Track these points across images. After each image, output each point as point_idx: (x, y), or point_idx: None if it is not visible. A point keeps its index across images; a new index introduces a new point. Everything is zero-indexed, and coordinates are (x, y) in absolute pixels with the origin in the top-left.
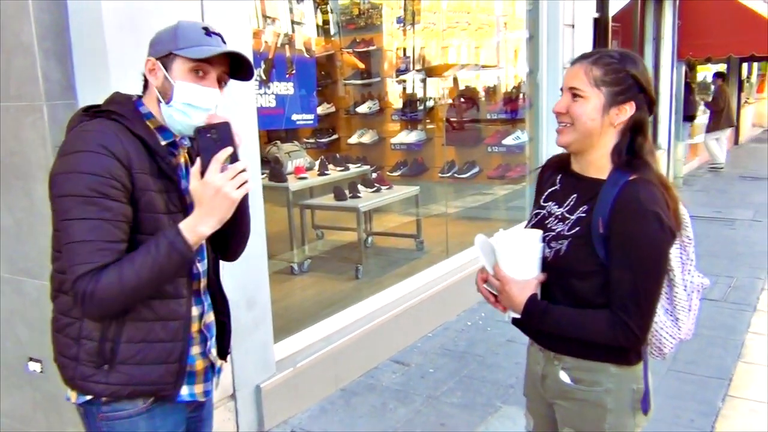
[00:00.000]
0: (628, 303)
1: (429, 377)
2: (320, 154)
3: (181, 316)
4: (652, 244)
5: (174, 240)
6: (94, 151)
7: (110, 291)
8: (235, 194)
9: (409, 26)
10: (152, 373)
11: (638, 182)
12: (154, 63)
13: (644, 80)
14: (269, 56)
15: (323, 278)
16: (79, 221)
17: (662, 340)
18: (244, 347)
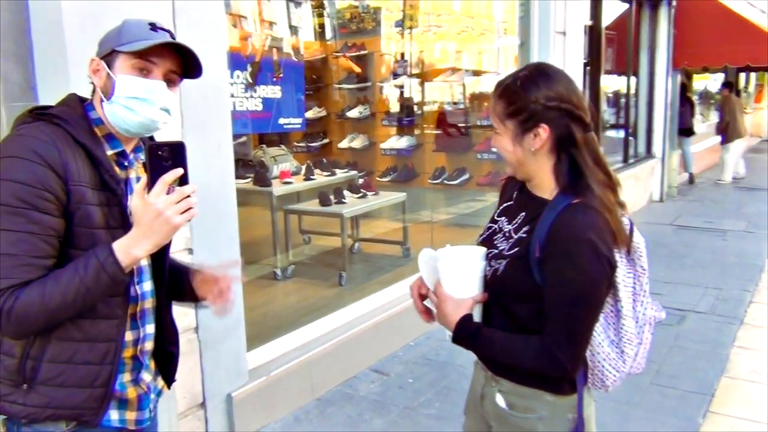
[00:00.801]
0: (557, 333)
1: (408, 387)
2: (311, 158)
3: (112, 338)
4: (585, 274)
5: (105, 261)
6: (26, 158)
7: (30, 310)
8: (177, 219)
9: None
10: (74, 397)
11: (578, 207)
12: (99, 63)
13: (548, 99)
14: (256, 59)
15: (306, 284)
16: (3, 232)
17: (605, 372)
18: (214, 355)
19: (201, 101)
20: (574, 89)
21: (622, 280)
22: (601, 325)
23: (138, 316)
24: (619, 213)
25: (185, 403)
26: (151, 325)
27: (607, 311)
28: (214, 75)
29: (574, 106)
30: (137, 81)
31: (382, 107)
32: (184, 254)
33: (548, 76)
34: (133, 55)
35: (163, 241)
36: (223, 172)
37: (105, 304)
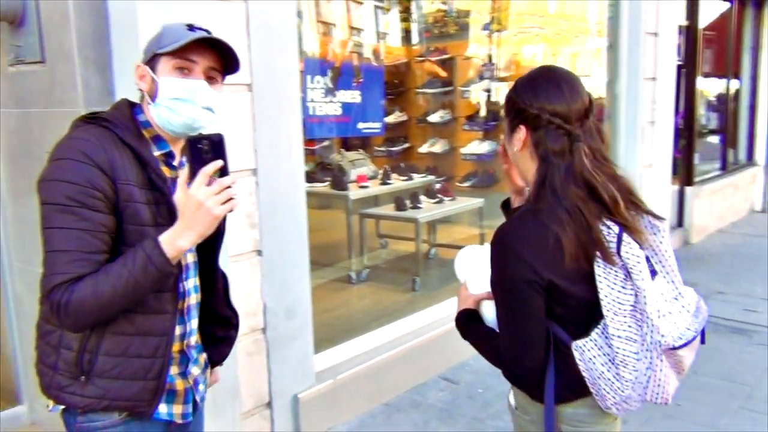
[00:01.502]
0: (501, 333)
1: (477, 398)
2: (391, 162)
3: (164, 333)
4: (506, 279)
5: (151, 253)
6: (75, 159)
7: (84, 303)
8: (218, 210)
9: (493, 34)
10: (128, 389)
11: (524, 215)
12: (143, 68)
13: (528, 102)
14: (336, 65)
15: (379, 289)
16: (56, 230)
17: (601, 392)
18: (281, 356)
19: (272, 105)
20: (564, 97)
21: (608, 295)
22: (593, 341)
23: (184, 312)
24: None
25: (251, 402)
26: (195, 320)
27: (605, 328)
28: (286, 79)
29: (554, 113)
30: (178, 82)
31: (464, 112)
32: (254, 255)
33: (537, 81)
34: (173, 55)
35: (207, 232)
36: (294, 175)
37: (156, 299)
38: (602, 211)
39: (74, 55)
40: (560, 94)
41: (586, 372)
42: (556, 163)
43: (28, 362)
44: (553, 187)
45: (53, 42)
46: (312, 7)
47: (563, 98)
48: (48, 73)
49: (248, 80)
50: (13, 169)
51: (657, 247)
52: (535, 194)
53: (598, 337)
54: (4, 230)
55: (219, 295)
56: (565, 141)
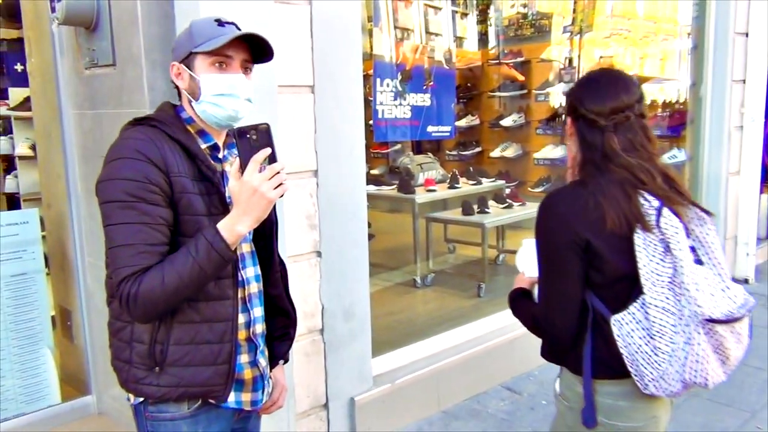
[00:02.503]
0: (538, 295)
1: (540, 410)
2: (463, 166)
3: (227, 318)
4: (544, 237)
5: (213, 239)
6: (131, 157)
7: (153, 292)
8: (272, 194)
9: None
10: (201, 375)
11: (568, 185)
12: (179, 67)
13: (572, 97)
14: (406, 67)
15: (444, 294)
16: (119, 226)
17: (639, 367)
18: (338, 358)
19: (334, 108)
20: (600, 96)
21: (645, 265)
22: (631, 314)
23: (246, 300)
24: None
25: (308, 402)
26: (258, 308)
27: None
28: (349, 81)
29: (589, 110)
30: (220, 78)
31: (538, 115)
32: (313, 256)
33: (586, 80)
34: (210, 53)
35: (262, 216)
36: (355, 177)
37: (216, 286)
38: (640, 186)
39: (142, 58)
40: (599, 93)
41: (624, 348)
42: (593, 149)
43: (97, 354)
44: (595, 164)
45: (123, 45)
46: (390, 13)
47: (600, 97)
48: (118, 76)
49: (311, 82)
50: (87, 168)
51: (703, 238)
52: (580, 172)
53: (637, 310)
54: (78, 227)
55: (277, 285)
56: (597, 132)
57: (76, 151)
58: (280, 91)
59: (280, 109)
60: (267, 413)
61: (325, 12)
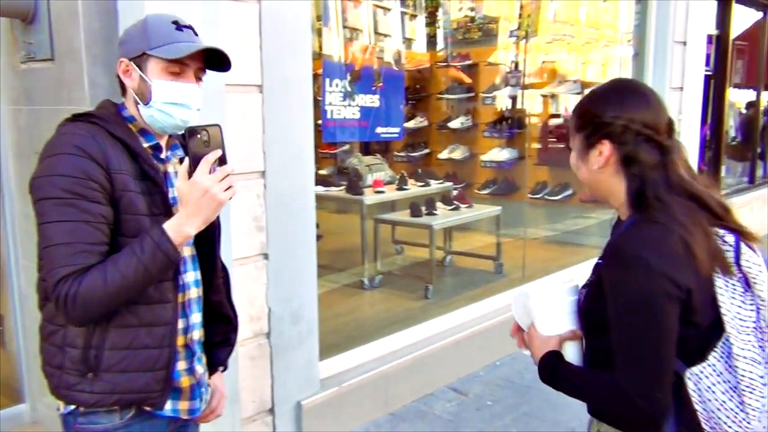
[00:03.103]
0: (622, 367)
1: (485, 410)
2: (411, 168)
3: (167, 322)
4: (638, 296)
5: (159, 240)
6: (69, 152)
7: (94, 293)
8: (223, 196)
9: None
10: (138, 381)
11: (639, 225)
12: (128, 64)
13: (615, 116)
14: (356, 68)
15: (392, 295)
16: (56, 224)
17: (722, 426)
18: (286, 362)
19: (283, 108)
20: (652, 108)
21: (729, 310)
22: (712, 367)
23: (185, 305)
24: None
25: (253, 407)
26: (197, 314)
27: (723, 351)
28: (298, 81)
29: (645, 125)
30: (174, 86)
31: (485, 118)
32: (260, 259)
33: (621, 92)
34: (166, 60)
35: (211, 218)
36: (303, 178)
37: (157, 289)
38: (711, 220)
39: (82, 53)
40: (648, 104)
41: (701, 404)
42: (654, 178)
43: (31, 360)
44: (659, 198)
45: (62, 39)
46: (339, 13)
47: (651, 108)
48: (57, 71)
49: (259, 81)
50: (22, 167)
51: None
52: (634, 208)
53: (717, 361)
54: (11, 227)
55: (219, 290)
56: (655, 153)
57: (10, 148)
58: (228, 90)
59: (228, 108)
60: (205, 422)
61: (274, 10)
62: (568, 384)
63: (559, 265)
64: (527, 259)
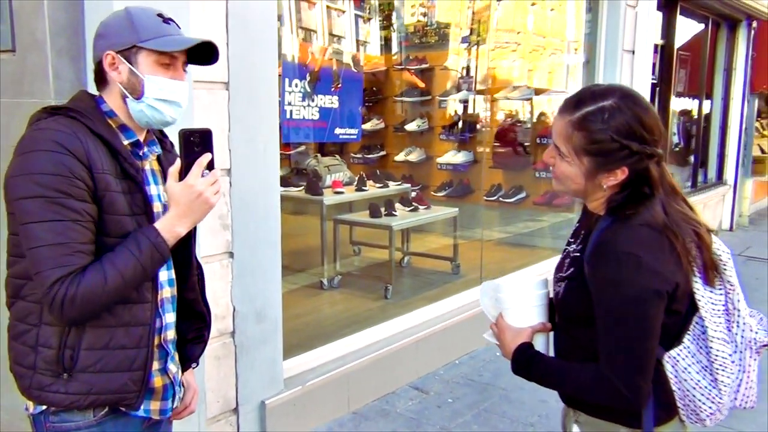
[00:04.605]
0: (610, 357)
1: (446, 407)
2: (367, 169)
3: (145, 322)
4: (626, 289)
5: (156, 240)
6: (50, 149)
7: (94, 293)
8: (214, 199)
9: (473, 46)
10: (115, 381)
11: (623, 223)
12: (115, 57)
13: (635, 141)
14: (315, 69)
15: (351, 296)
16: (44, 224)
17: (696, 403)
18: (249, 361)
19: (249, 106)
20: (657, 120)
21: (704, 296)
22: (686, 349)
23: (159, 305)
24: (685, 232)
25: (217, 407)
26: (171, 314)
27: (695, 333)
28: (264, 79)
29: (657, 143)
30: (167, 83)
31: (441, 121)
32: (225, 257)
33: (635, 112)
34: (158, 52)
35: (200, 219)
36: (269, 177)
37: (136, 289)
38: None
39: (47, 44)
40: (660, 126)
41: (677, 384)
42: (657, 183)
43: None
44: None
45: (25, 31)
46: (293, 13)
47: (660, 129)
48: (18, 63)
49: (225, 78)
50: None
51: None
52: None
53: (691, 343)
54: None
55: (194, 288)
56: (657, 165)
57: None
58: (195, 86)
59: (194, 104)
60: (179, 418)
61: (241, 8)
62: (546, 374)
63: (515, 266)
64: (483, 260)
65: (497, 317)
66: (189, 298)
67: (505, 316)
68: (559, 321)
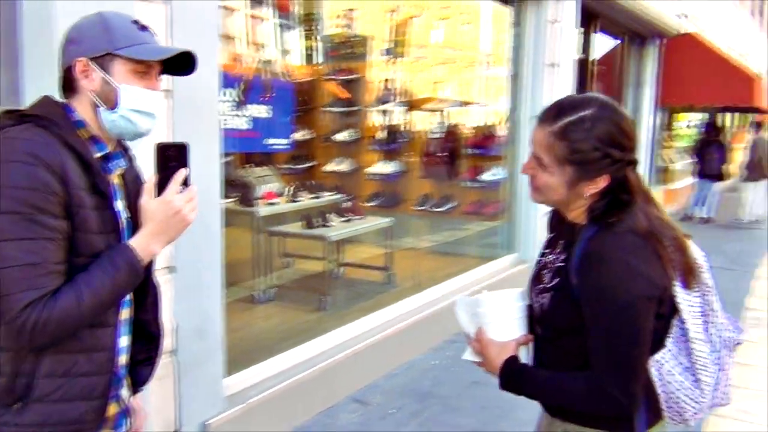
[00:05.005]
0: (603, 364)
1: (389, 418)
2: (296, 180)
3: (107, 347)
4: (619, 298)
5: (132, 260)
6: (22, 161)
7: (69, 317)
8: (191, 217)
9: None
10: (73, 411)
11: (609, 230)
12: (87, 64)
13: (618, 150)
14: (247, 78)
15: (287, 309)
16: (16, 242)
17: (681, 404)
18: (191, 380)
19: (192, 114)
20: (633, 126)
21: (683, 299)
22: (669, 352)
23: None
24: (666, 237)
25: (157, 429)
26: (125, 337)
27: (676, 335)
28: (206, 87)
29: (633, 150)
30: (143, 93)
31: (369, 132)
32: (166, 272)
33: (614, 120)
34: (135, 60)
35: (175, 238)
36: (210, 189)
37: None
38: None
39: None
40: (634, 129)
41: (662, 387)
42: (634, 189)
43: None
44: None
45: None
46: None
47: (635, 133)
48: None
49: (169, 86)
50: None
51: None
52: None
53: (673, 346)
54: None
55: (150, 310)
56: (634, 171)
57: None
58: None
59: None
60: None
61: (183, 12)
62: (538, 387)
63: (447, 274)
64: (416, 269)
65: (477, 333)
66: (143, 318)
67: (486, 330)
68: (544, 332)
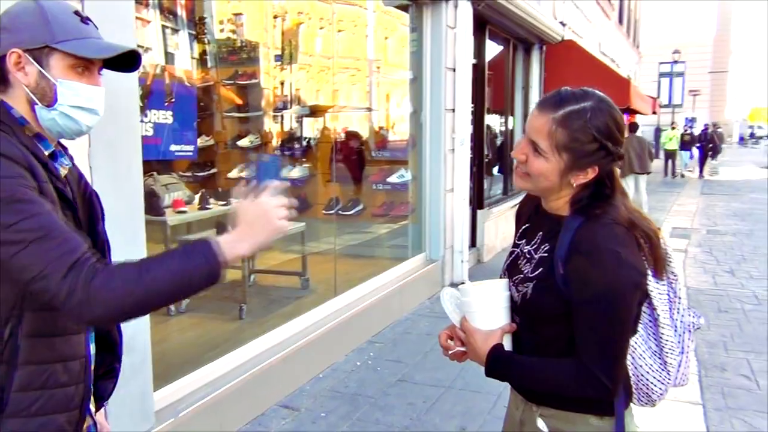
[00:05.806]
0: (591, 350)
1: (321, 422)
2: (201, 187)
3: (82, 354)
4: (609, 284)
5: (208, 253)
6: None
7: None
8: (281, 223)
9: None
10: (52, 425)
11: (596, 221)
12: (22, 56)
13: (613, 140)
14: (147, 82)
15: (204, 319)
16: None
17: (650, 386)
18: (120, 397)
19: (109, 121)
20: (624, 123)
21: (655, 287)
22: (641, 336)
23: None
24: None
25: None
26: (92, 344)
27: (645, 321)
28: (124, 91)
29: (621, 145)
30: (83, 89)
31: (272, 138)
32: None
33: (611, 114)
34: (76, 56)
35: (265, 242)
36: (133, 197)
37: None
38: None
39: None
40: (624, 126)
41: (634, 370)
42: (615, 183)
43: None
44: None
45: None
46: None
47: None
48: None
49: None
50: None
51: None
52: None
53: (643, 330)
54: None
55: None
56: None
57: None
58: None
59: None
60: None
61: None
62: (524, 373)
63: (360, 276)
64: (330, 273)
65: (461, 322)
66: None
67: (471, 320)
68: (524, 320)
